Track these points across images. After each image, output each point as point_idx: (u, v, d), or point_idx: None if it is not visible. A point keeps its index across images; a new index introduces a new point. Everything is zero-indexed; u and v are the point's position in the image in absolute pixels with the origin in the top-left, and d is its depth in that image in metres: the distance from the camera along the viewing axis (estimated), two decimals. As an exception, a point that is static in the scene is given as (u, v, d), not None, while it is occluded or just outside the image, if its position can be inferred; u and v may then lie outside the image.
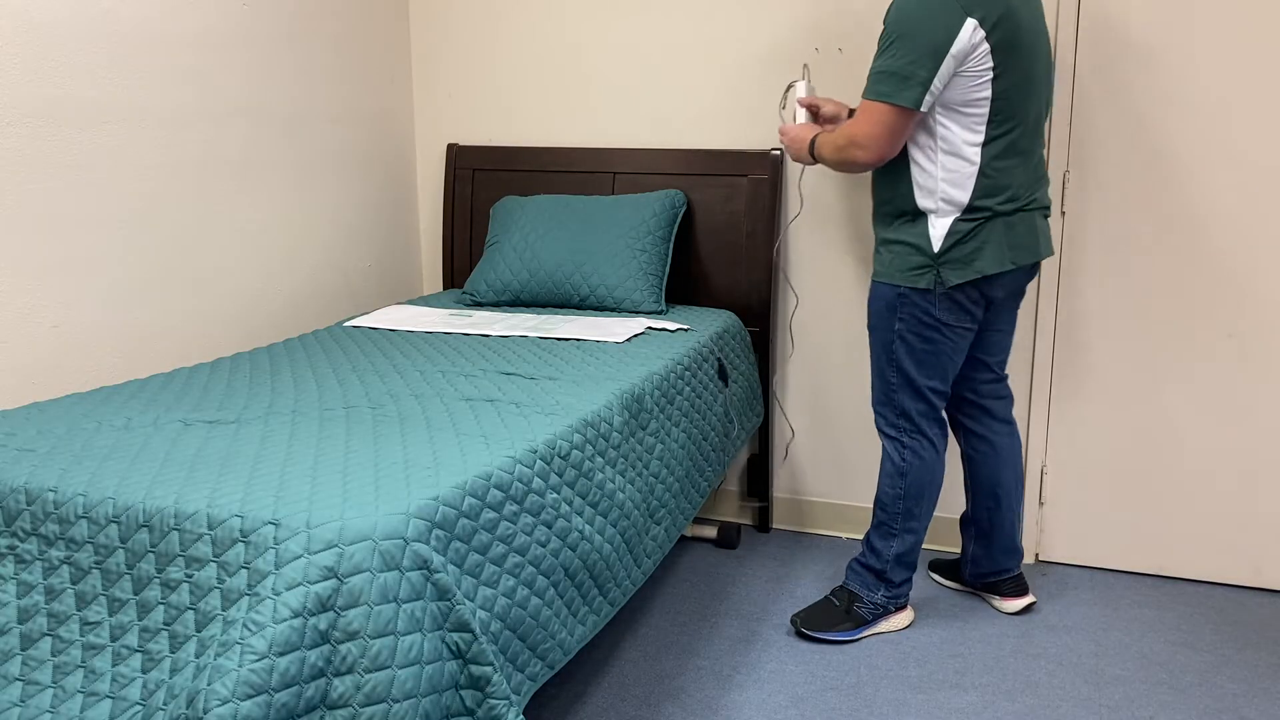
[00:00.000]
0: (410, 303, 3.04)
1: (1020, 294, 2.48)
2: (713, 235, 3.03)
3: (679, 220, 2.99)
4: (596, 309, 2.90)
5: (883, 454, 2.49)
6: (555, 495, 1.74)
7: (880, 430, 2.49)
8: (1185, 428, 2.75)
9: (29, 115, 2.12)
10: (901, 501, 2.46)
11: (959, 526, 2.73)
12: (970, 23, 2.15)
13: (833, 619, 2.52)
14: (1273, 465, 2.69)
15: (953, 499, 2.99)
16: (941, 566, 2.81)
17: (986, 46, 2.17)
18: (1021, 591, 2.61)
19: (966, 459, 2.61)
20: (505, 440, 1.74)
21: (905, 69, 2.18)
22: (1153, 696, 2.25)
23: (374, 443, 1.72)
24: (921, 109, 2.20)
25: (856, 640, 2.50)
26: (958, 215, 2.27)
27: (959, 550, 3.01)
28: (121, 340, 2.37)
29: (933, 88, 2.19)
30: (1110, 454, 2.83)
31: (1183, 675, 2.34)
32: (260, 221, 2.76)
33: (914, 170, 2.31)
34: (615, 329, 2.62)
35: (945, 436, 2.47)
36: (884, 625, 2.54)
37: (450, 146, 3.28)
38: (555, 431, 1.82)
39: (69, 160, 2.21)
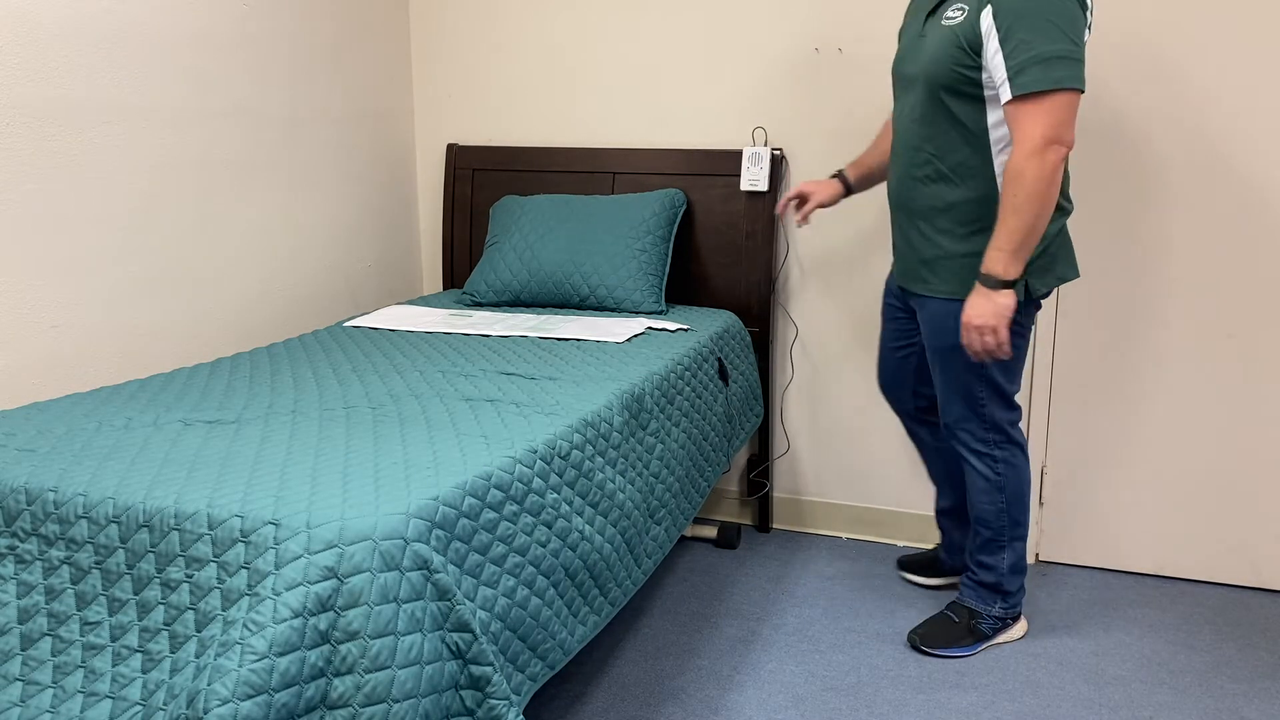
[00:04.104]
0: (410, 303, 3.04)
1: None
2: (713, 235, 3.03)
3: (679, 220, 2.99)
4: (596, 309, 2.90)
5: (970, 472, 2.37)
6: (555, 495, 1.74)
7: (966, 448, 2.35)
8: (1185, 428, 2.75)
9: (29, 115, 2.12)
10: (1005, 514, 2.36)
11: (936, 520, 2.72)
12: None
13: (953, 635, 2.43)
14: (1273, 465, 2.70)
15: (926, 492, 2.99)
16: (913, 564, 2.78)
17: (1091, 19, 1.96)
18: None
19: (932, 452, 2.60)
20: (505, 440, 1.74)
21: (1069, 50, 1.93)
22: (1153, 696, 2.25)
23: (374, 443, 1.72)
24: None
25: (974, 655, 2.43)
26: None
27: (929, 545, 3.02)
28: (121, 340, 2.37)
29: None
30: (1110, 454, 2.83)
31: (1183, 675, 2.34)
32: (260, 221, 2.76)
33: (998, 170, 2.12)
34: (615, 329, 2.62)
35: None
36: (1002, 637, 2.48)
37: (450, 146, 3.28)
38: (555, 431, 1.82)
39: (69, 160, 2.21)
